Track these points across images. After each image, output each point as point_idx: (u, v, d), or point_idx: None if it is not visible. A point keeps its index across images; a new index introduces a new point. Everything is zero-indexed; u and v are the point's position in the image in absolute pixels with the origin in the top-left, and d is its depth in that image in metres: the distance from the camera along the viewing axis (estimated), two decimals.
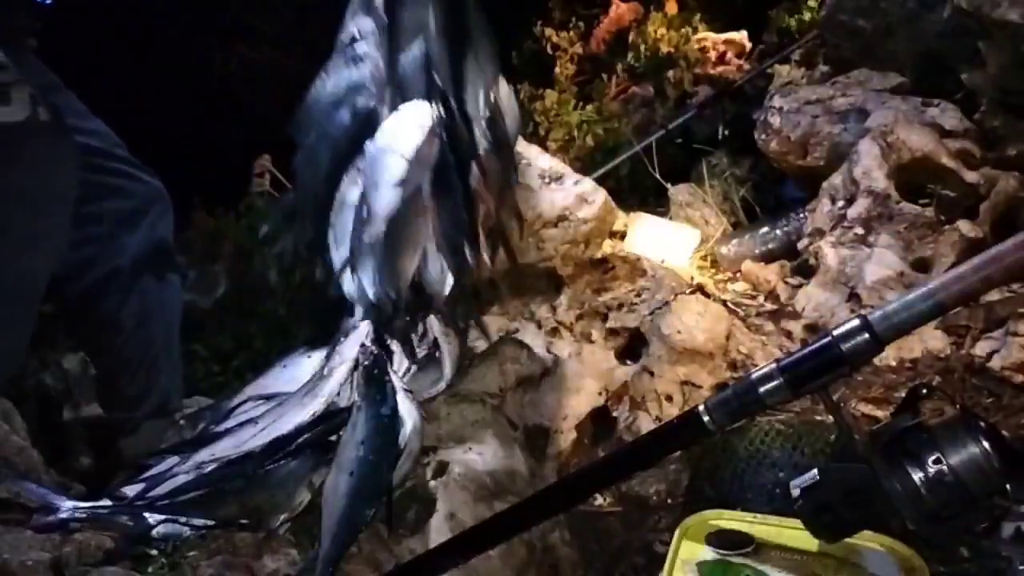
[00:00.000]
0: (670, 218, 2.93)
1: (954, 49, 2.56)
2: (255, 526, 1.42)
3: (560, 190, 2.30)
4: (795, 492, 0.92)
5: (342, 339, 1.66)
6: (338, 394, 1.60)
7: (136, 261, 1.69)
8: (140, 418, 1.72)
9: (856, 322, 0.87)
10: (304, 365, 1.72)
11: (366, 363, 1.58)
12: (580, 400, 2.01)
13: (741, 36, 3.40)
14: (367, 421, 1.48)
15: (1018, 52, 2.32)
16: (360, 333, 1.69)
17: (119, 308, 1.69)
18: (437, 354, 1.81)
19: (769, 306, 2.49)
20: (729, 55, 3.38)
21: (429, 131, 1.59)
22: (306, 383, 1.63)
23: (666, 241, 2.67)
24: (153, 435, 1.68)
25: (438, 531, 1.54)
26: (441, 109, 1.61)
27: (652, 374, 2.05)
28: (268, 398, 1.68)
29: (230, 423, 1.63)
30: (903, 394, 1.09)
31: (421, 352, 1.81)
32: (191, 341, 2.31)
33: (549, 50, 3.43)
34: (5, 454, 1.55)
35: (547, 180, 2.31)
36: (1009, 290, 2.04)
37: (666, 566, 1.02)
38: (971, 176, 2.31)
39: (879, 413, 1.86)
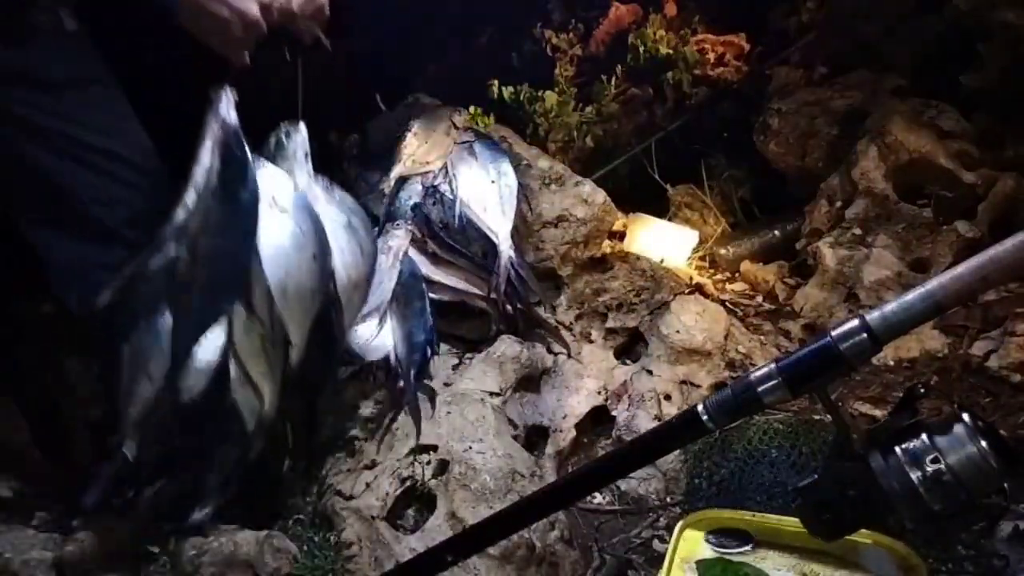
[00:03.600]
0: (669, 219, 2.93)
1: (953, 50, 2.57)
2: None
3: (560, 191, 2.31)
4: (793, 491, 0.93)
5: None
6: None
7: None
8: None
9: (854, 322, 0.88)
10: None
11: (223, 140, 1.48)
12: (580, 399, 2.02)
13: (740, 38, 3.40)
14: (222, 204, 1.45)
15: (1016, 53, 2.33)
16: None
17: (123, 311, 1.68)
18: None
19: (767, 306, 2.49)
20: (728, 57, 3.38)
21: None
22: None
23: (665, 241, 2.68)
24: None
25: (438, 530, 1.55)
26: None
27: (651, 373, 2.06)
28: None
29: None
30: (901, 394, 1.10)
31: None
32: None
33: (549, 51, 3.42)
34: (6, 454, 1.55)
35: (547, 181, 2.32)
36: (1007, 290, 2.05)
37: (665, 564, 1.02)
38: (969, 177, 2.32)
39: (877, 412, 1.86)
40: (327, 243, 1.56)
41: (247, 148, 1.50)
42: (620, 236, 2.66)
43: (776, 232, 2.76)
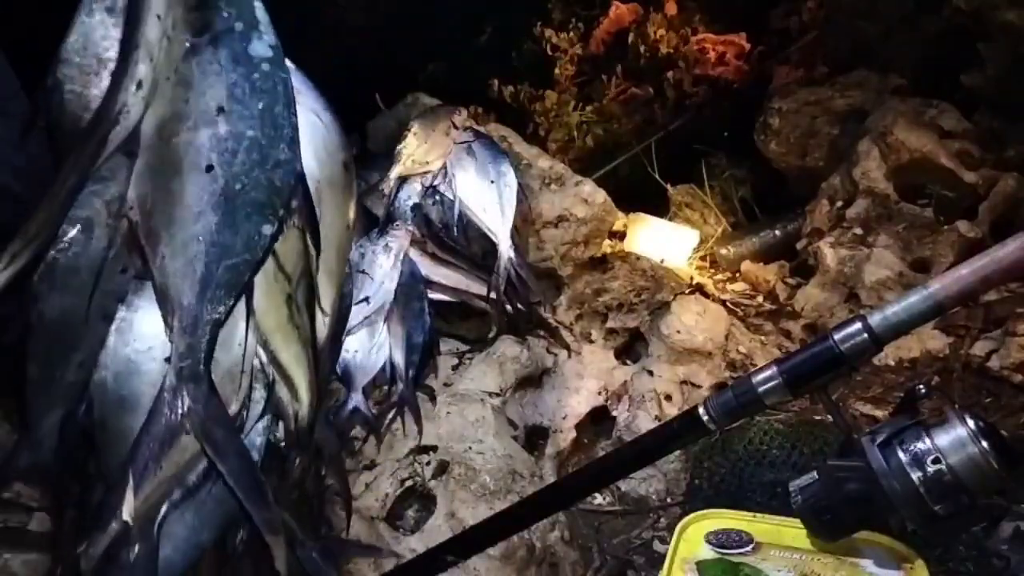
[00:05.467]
0: (670, 218, 2.93)
1: (953, 50, 2.57)
2: None
3: (560, 191, 2.30)
4: (794, 491, 0.93)
5: None
6: None
7: None
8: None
9: (856, 323, 0.87)
10: None
11: None
12: (580, 400, 2.01)
13: (740, 37, 3.40)
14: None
15: (1017, 53, 2.33)
16: None
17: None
18: None
19: (768, 306, 2.49)
20: (728, 56, 3.39)
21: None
22: None
23: (665, 241, 2.68)
24: None
25: (438, 530, 1.55)
26: None
27: (652, 374, 2.05)
28: None
29: None
30: (902, 394, 1.10)
31: None
32: None
33: (549, 51, 3.42)
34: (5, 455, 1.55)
35: (547, 181, 2.32)
36: (1007, 290, 2.05)
37: (665, 565, 1.02)
38: (970, 176, 2.31)
39: (878, 413, 1.86)
40: (347, 144, 1.21)
41: None
42: (620, 236, 2.67)
43: (777, 232, 2.76)
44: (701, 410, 0.96)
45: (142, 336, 1.06)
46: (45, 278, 1.03)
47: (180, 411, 0.95)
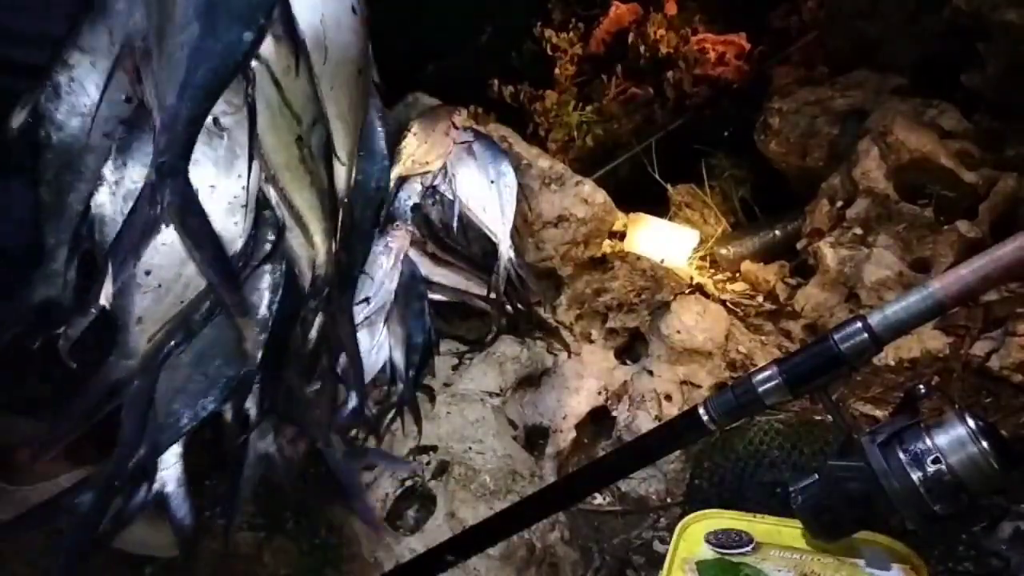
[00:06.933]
0: (670, 218, 2.93)
1: (954, 50, 2.56)
2: None
3: (560, 191, 2.30)
4: (794, 492, 0.93)
5: None
6: None
7: None
8: None
9: (856, 323, 0.88)
10: None
11: None
12: (580, 400, 2.02)
13: (740, 37, 3.41)
14: None
15: (1017, 53, 2.33)
16: None
17: None
18: None
19: (768, 306, 2.49)
20: (728, 56, 3.39)
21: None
22: None
23: (665, 241, 2.68)
24: None
25: (438, 530, 1.55)
26: None
27: (652, 374, 2.05)
28: None
29: None
30: (902, 394, 1.10)
31: None
32: None
33: (549, 51, 3.43)
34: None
35: (547, 181, 2.32)
36: (1008, 290, 2.05)
37: (665, 565, 1.02)
38: (970, 176, 2.31)
39: (878, 413, 1.86)
40: None
41: None
42: (620, 236, 2.67)
43: (777, 232, 2.76)
44: (701, 410, 0.96)
45: (142, 162, 1.13)
46: (51, 99, 1.15)
47: (160, 205, 1.02)
